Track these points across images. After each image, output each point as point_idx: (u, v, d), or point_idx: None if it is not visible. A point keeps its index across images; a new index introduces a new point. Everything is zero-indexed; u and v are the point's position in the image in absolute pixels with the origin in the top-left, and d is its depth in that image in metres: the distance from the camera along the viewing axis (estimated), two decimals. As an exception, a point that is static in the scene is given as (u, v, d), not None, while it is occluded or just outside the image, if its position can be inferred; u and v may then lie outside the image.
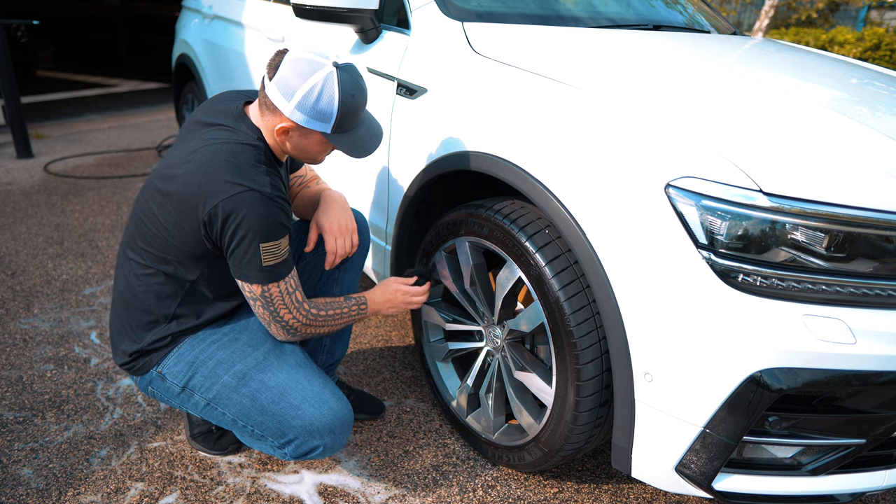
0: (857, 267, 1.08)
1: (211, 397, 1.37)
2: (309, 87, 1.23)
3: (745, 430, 1.12)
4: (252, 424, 1.36)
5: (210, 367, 1.37)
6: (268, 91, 1.27)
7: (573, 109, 1.31)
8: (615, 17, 2.08)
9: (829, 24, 8.83)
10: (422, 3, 1.77)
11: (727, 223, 1.08)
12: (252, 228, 1.23)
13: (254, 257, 1.26)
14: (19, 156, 4.37)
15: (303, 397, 1.35)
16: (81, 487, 1.52)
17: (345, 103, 1.25)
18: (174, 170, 1.28)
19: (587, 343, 1.27)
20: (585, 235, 1.22)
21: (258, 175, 1.24)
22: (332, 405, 1.36)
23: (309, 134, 1.30)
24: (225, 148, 1.26)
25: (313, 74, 1.23)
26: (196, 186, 1.23)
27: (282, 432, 1.34)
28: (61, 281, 2.55)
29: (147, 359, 1.40)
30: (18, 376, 1.93)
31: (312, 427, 1.33)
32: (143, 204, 1.34)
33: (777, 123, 1.23)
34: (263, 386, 1.35)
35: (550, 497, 1.56)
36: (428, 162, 1.60)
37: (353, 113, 1.28)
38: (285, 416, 1.33)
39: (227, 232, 1.24)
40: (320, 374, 1.43)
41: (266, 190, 1.23)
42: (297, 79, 1.23)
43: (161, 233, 1.30)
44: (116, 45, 11.04)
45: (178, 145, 1.35)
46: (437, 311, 1.72)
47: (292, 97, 1.24)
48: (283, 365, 1.39)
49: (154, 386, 1.42)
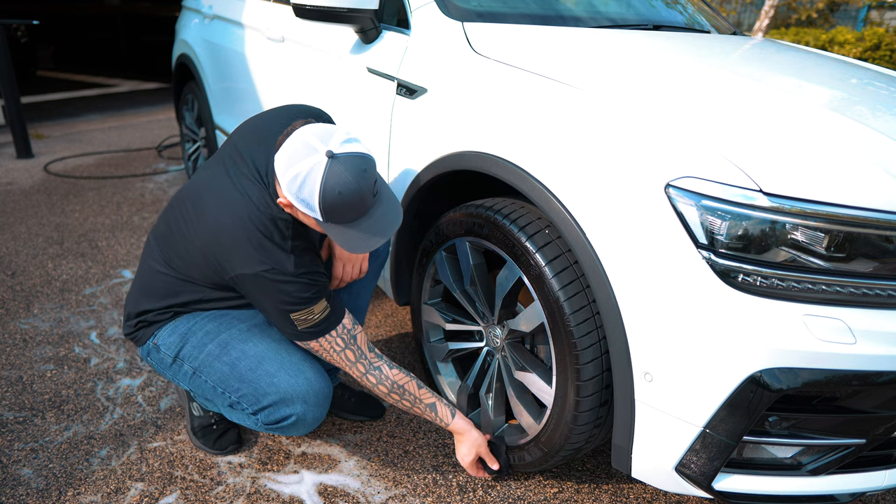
0: (857, 267, 1.08)
1: (196, 365, 1.42)
2: (294, 174, 1.17)
3: (745, 430, 1.12)
4: (230, 391, 1.40)
5: (199, 337, 1.42)
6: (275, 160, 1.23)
7: (573, 109, 1.31)
8: (615, 17, 2.08)
9: (829, 24, 8.83)
10: (422, 3, 1.77)
11: (727, 223, 1.08)
12: (278, 302, 1.28)
13: (286, 323, 1.32)
14: (19, 156, 4.37)
15: (279, 365, 1.38)
16: (81, 487, 1.52)
17: (326, 199, 1.16)
18: (207, 210, 1.31)
19: (587, 343, 1.27)
20: (585, 235, 1.22)
21: (282, 253, 1.26)
22: (308, 376, 1.39)
23: (306, 215, 1.25)
24: (253, 214, 1.27)
25: (303, 161, 1.16)
26: (222, 246, 1.28)
27: (256, 399, 1.37)
28: (61, 281, 2.55)
29: (147, 329, 1.46)
30: (18, 376, 1.93)
31: (286, 394, 1.36)
32: (178, 214, 1.38)
33: (777, 123, 1.23)
34: (243, 354, 1.39)
35: (550, 497, 1.56)
36: (428, 162, 1.60)
37: (341, 208, 1.18)
38: (261, 382, 1.37)
39: (254, 298, 1.31)
40: (302, 351, 1.45)
41: (289, 269, 1.26)
42: (290, 160, 1.18)
43: (187, 257, 1.35)
44: (116, 45, 11.05)
45: (216, 169, 1.37)
46: (437, 311, 1.72)
47: (284, 176, 1.19)
48: (265, 337, 1.44)
49: (151, 357, 1.48)
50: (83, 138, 5.07)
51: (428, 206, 1.79)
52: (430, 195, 1.74)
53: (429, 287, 1.75)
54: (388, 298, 2.54)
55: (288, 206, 1.26)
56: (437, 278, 1.71)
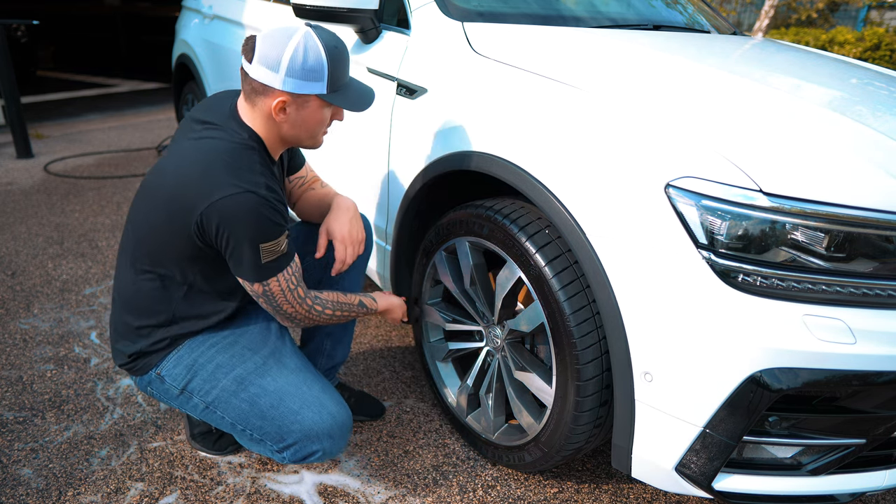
0: (857, 267, 1.08)
1: (210, 401, 1.37)
2: (293, 51, 1.20)
3: (745, 430, 1.12)
4: (251, 429, 1.36)
5: (209, 371, 1.37)
6: (252, 73, 1.24)
7: (573, 109, 1.31)
8: (615, 17, 2.08)
9: (829, 24, 8.83)
10: (422, 3, 1.77)
11: (727, 223, 1.08)
12: (249, 230, 1.21)
13: (252, 257, 1.25)
14: (19, 156, 4.37)
15: (302, 402, 1.35)
16: (81, 487, 1.51)
17: (331, 54, 1.24)
18: (167, 168, 1.27)
19: (587, 343, 1.27)
20: (585, 235, 1.22)
21: (252, 176, 1.23)
22: (331, 410, 1.36)
23: (306, 102, 1.27)
24: (219, 147, 1.25)
25: (291, 38, 1.21)
26: (189, 186, 1.21)
27: (281, 437, 1.34)
28: (61, 281, 2.55)
29: (146, 360, 1.39)
30: (18, 376, 1.93)
31: (311, 432, 1.34)
32: (136, 204, 1.34)
33: (777, 123, 1.23)
34: (262, 391, 1.35)
35: (550, 497, 1.56)
36: (428, 162, 1.60)
37: (342, 64, 1.27)
38: (284, 420, 1.33)
39: (223, 233, 1.22)
40: (319, 379, 1.43)
41: (261, 191, 1.22)
42: (278, 48, 1.21)
43: (153, 233, 1.29)
44: (116, 45, 11.04)
45: (173, 144, 1.35)
46: (437, 311, 1.72)
47: (279, 67, 1.21)
48: (282, 369, 1.39)
49: (153, 387, 1.42)
50: (83, 138, 5.07)
51: (428, 206, 1.79)
52: (430, 195, 1.74)
53: (429, 287, 1.75)
54: (388, 298, 2.54)
55: (284, 107, 1.26)
56: (437, 278, 1.71)
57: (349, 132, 1.97)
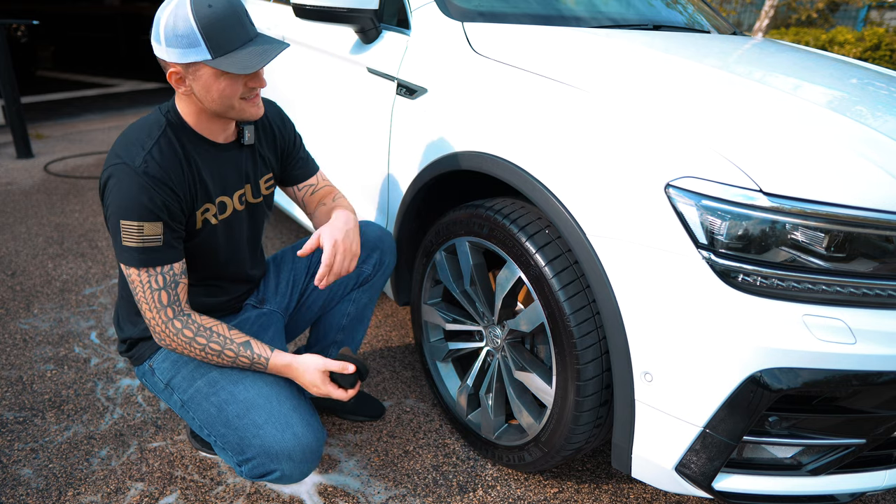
0: (857, 267, 1.08)
1: (185, 399, 1.35)
2: (166, 19, 1.15)
3: (745, 430, 1.12)
4: (215, 435, 1.31)
5: (190, 369, 1.35)
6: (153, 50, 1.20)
7: (573, 109, 1.31)
8: (615, 17, 2.08)
9: (829, 24, 8.83)
10: (422, 3, 1.77)
11: (727, 223, 1.08)
12: (114, 202, 1.19)
13: (114, 232, 1.21)
14: (19, 156, 4.37)
15: (267, 417, 1.27)
16: (81, 487, 1.52)
17: (201, 16, 1.13)
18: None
19: (587, 343, 1.27)
20: (585, 235, 1.22)
21: (140, 151, 1.20)
22: (296, 430, 1.27)
23: (197, 71, 1.19)
24: (134, 124, 1.26)
25: (167, 6, 1.16)
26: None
27: (241, 449, 1.28)
28: (61, 281, 2.55)
29: (140, 349, 1.41)
30: (18, 376, 1.93)
31: (271, 450, 1.25)
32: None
33: (777, 123, 1.23)
34: (232, 398, 1.30)
35: (550, 497, 1.56)
36: (428, 162, 1.60)
37: (222, 25, 1.15)
38: (246, 433, 1.27)
39: (104, 205, 1.23)
40: (294, 397, 1.34)
41: (136, 164, 1.18)
42: (157, 18, 1.17)
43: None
44: (116, 45, 11.04)
45: None
46: (437, 311, 1.72)
47: (160, 37, 1.16)
48: (257, 380, 1.32)
49: (146, 379, 1.43)
50: (83, 138, 5.07)
51: (428, 206, 1.79)
52: (431, 195, 1.74)
53: (429, 287, 1.75)
54: (388, 298, 2.54)
55: (181, 78, 1.20)
56: (437, 278, 1.71)
57: (349, 132, 1.97)
